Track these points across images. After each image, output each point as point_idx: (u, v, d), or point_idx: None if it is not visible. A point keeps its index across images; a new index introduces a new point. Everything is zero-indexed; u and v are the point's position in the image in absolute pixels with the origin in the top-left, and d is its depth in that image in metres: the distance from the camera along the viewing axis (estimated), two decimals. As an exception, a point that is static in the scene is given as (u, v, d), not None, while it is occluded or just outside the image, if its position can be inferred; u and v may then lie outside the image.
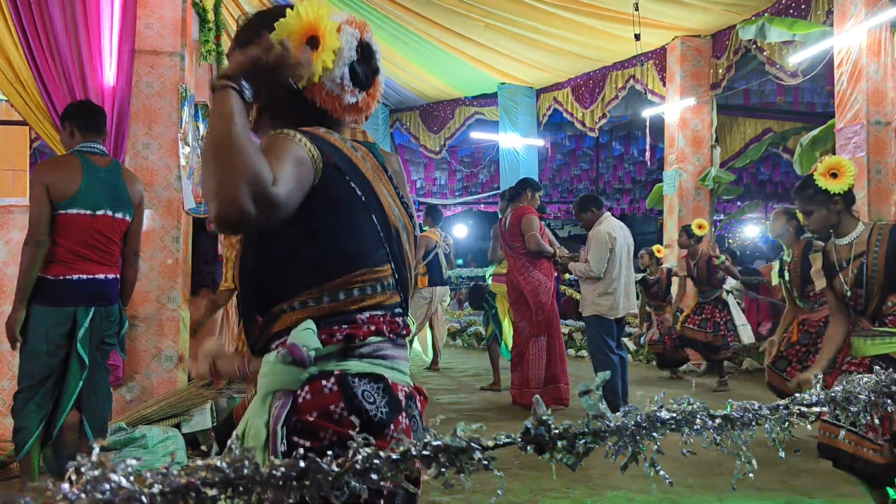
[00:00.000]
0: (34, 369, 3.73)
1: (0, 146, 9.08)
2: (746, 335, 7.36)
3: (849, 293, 3.38)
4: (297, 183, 1.35)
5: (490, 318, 7.80)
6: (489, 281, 8.12)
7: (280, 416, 1.34)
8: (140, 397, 5.04)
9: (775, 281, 6.06)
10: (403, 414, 1.43)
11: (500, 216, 7.91)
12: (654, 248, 9.04)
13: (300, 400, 1.36)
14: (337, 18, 1.52)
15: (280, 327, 1.44)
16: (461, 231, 23.09)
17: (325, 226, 1.44)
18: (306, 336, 1.37)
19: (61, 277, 3.74)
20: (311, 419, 1.34)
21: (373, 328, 1.44)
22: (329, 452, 0.77)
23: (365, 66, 1.54)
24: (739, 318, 7.66)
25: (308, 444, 1.33)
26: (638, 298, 8.79)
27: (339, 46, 1.49)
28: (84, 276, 3.79)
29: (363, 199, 1.48)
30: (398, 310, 1.52)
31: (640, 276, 8.44)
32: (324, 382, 1.37)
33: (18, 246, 4.82)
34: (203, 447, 4.91)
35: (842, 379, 3.38)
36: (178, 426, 4.85)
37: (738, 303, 8.39)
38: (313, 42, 1.47)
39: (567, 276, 8.16)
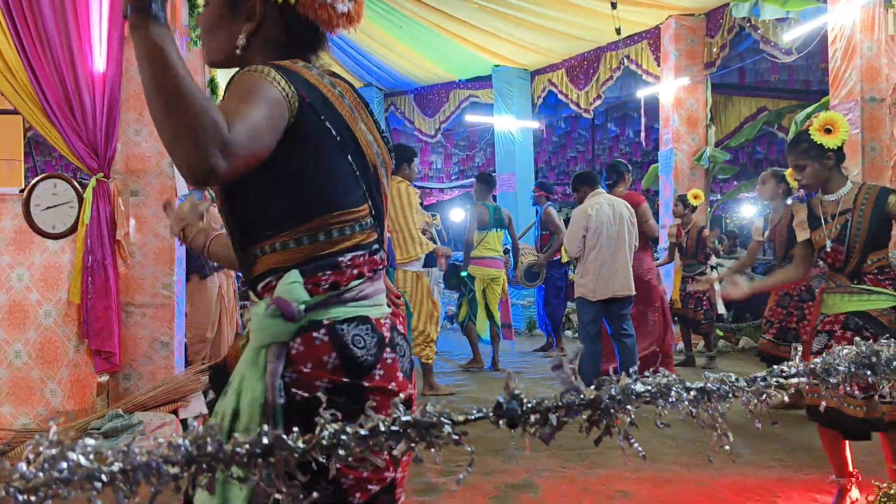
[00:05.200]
0: None
1: (-6, 136, 9.04)
2: (720, 307, 7.51)
3: (829, 247, 3.47)
4: (266, 123, 1.30)
5: (467, 301, 7.88)
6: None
7: (276, 370, 1.35)
8: (136, 384, 5.04)
9: (757, 237, 6.17)
10: (387, 349, 1.46)
11: (476, 200, 7.98)
12: None
13: (293, 352, 1.38)
14: None
15: (262, 268, 1.46)
16: (458, 215, 23.00)
17: (299, 166, 1.42)
18: (294, 289, 1.39)
19: None
20: (307, 370, 1.37)
21: (355, 272, 1.46)
22: (295, 429, 0.77)
23: None
24: (717, 291, 7.74)
25: (306, 394, 1.35)
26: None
27: None
28: None
29: (338, 138, 1.46)
30: (375, 246, 1.53)
31: None
32: (314, 334, 1.39)
33: (11, 235, 4.83)
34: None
35: (819, 340, 3.47)
36: (175, 412, 4.86)
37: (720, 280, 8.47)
38: None
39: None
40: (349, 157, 1.47)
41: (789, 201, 5.76)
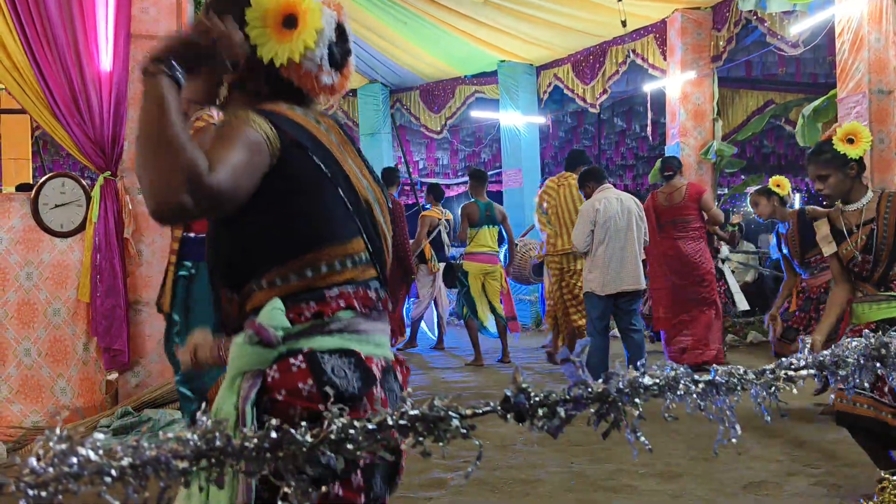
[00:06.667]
0: None
1: (2, 135, 9.09)
2: (742, 302, 7.47)
3: (859, 258, 3.43)
4: (246, 167, 1.33)
5: (463, 297, 8.02)
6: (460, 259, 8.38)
7: (248, 395, 1.33)
8: (145, 382, 5.06)
9: (774, 255, 6.13)
10: (378, 387, 1.42)
11: (471, 196, 8.06)
12: None
13: (269, 379, 1.35)
14: None
15: (251, 307, 1.44)
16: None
17: (288, 204, 1.43)
18: (273, 315, 1.37)
19: None
20: (280, 398, 1.34)
21: (343, 304, 1.43)
22: (304, 423, 0.77)
23: (340, 47, 1.55)
24: (734, 286, 7.69)
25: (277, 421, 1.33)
26: None
27: (322, 27, 1.48)
28: None
29: (329, 174, 1.47)
30: (374, 283, 1.51)
31: None
32: (292, 360, 1.36)
33: (20, 234, 4.85)
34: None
35: None
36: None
37: (732, 270, 8.42)
38: (290, 21, 1.45)
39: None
40: (340, 191, 1.48)
41: (793, 207, 5.75)
